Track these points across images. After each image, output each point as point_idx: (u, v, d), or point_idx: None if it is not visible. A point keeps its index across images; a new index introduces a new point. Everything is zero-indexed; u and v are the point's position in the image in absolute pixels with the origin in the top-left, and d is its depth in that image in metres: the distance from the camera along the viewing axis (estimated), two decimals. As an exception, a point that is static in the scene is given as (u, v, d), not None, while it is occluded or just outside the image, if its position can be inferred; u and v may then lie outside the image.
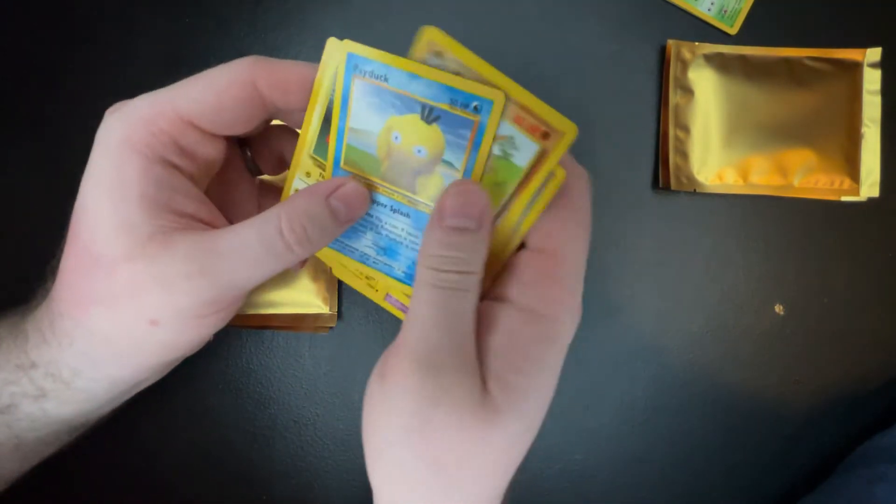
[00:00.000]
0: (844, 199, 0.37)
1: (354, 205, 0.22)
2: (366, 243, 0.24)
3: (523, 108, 0.20)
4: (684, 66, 0.36)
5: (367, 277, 0.25)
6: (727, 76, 0.37)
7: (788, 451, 0.38)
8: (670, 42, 0.36)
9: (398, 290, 0.25)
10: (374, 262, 0.25)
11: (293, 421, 0.36)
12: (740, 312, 0.37)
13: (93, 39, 0.35)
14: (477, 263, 0.20)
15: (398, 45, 0.36)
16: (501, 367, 0.19)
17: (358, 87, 0.21)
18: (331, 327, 0.35)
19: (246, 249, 0.21)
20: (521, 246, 0.22)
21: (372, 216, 0.24)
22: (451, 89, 0.20)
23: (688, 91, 0.37)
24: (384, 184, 0.23)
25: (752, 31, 0.37)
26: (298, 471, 0.36)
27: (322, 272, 0.35)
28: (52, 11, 0.35)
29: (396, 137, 0.21)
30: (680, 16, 0.37)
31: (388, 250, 0.24)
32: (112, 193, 0.22)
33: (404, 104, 0.21)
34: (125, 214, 0.21)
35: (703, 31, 0.37)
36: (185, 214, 0.23)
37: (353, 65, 0.21)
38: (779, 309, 0.38)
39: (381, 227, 0.24)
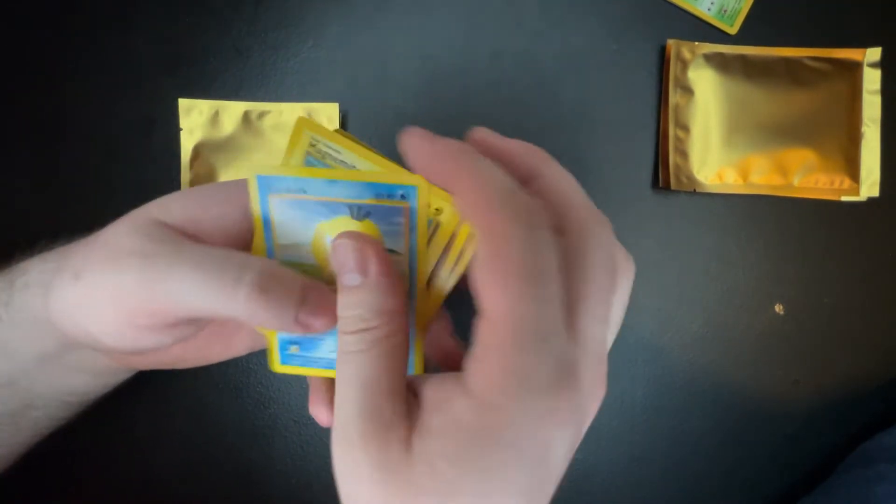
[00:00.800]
0: (844, 198, 0.37)
1: (322, 311, 0.20)
2: (329, 349, 0.23)
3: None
4: (684, 65, 0.36)
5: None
6: (727, 76, 0.37)
7: (788, 451, 0.38)
8: (670, 42, 0.36)
9: None
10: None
11: (293, 420, 0.36)
12: (740, 312, 0.37)
13: (93, 39, 0.35)
14: (376, 317, 0.18)
15: (397, 44, 0.36)
16: (432, 450, 0.16)
17: (276, 206, 0.21)
18: (331, 327, 0.35)
19: (200, 260, 0.20)
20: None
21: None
22: (374, 185, 0.20)
23: (688, 91, 0.37)
24: (332, 286, 0.22)
25: (752, 31, 0.37)
26: (298, 470, 0.36)
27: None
28: (53, 11, 0.35)
29: (330, 241, 0.21)
30: (680, 16, 0.37)
31: None
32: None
33: (330, 209, 0.21)
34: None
35: (703, 31, 0.37)
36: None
37: (266, 185, 0.21)
38: (779, 309, 0.38)
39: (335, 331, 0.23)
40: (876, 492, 0.32)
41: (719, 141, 0.37)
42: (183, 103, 0.34)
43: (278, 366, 0.24)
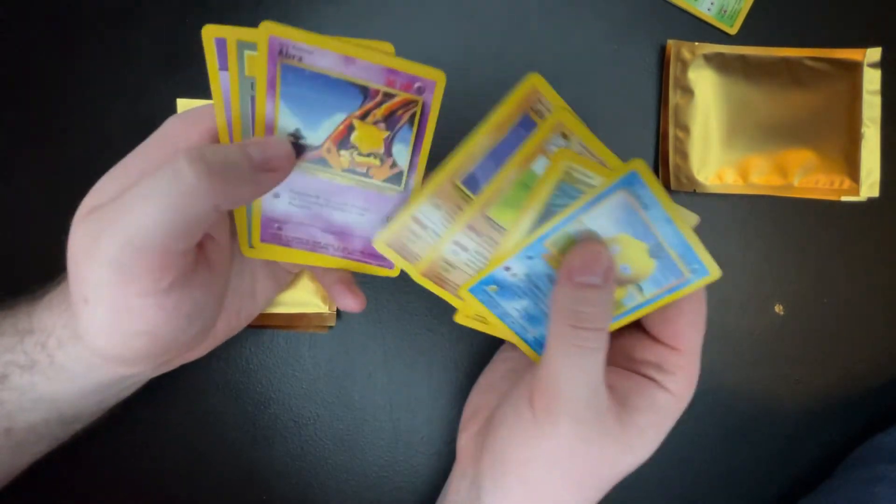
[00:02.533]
0: (844, 199, 0.37)
1: (272, 149, 0.21)
2: (515, 306, 0.25)
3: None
4: (684, 66, 0.36)
5: (482, 320, 0.27)
6: (727, 76, 0.37)
7: (788, 451, 0.37)
8: (670, 42, 0.36)
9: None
10: (511, 322, 0.26)
11: (293, 421, 0.36)
12: (740, 312, 0.37)
13: (92, 39, 0.35)
14: (605, 320, 0.23)
15: (397, 45, 0.36)
16: (644, 424, 0.25)
17: (618, 199, 0.22)
18: (330, 326, 0.35)
19: (144, 187, 0.19)
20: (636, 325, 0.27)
21: (536, 288, 0.25)
22: (688, 247, 0.23)
23: (688, 91, 0.37)
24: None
25: (752, 31, 0.37)
26: (298, 471, 0.36)
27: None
28: (53, 12, 0.35)
29: (614, 249, 0.23)
30: (680, 16, 0.37)
31: (534, 318, 0.26)
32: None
33: (645, 234, 0.22)
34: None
35: (703, 31, 0.37)
36: None
37: (629, 181, 0.22)
38: (779, 309, 0.38)
39: (539, 299, 0.25)
40: (876, 492, 0.32)
41: (719, 141, 0.37)
42: (181, 103, 0.34)
43: (465, 291, 0.25)
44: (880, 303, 0.38)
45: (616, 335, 0.27)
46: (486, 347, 0.36)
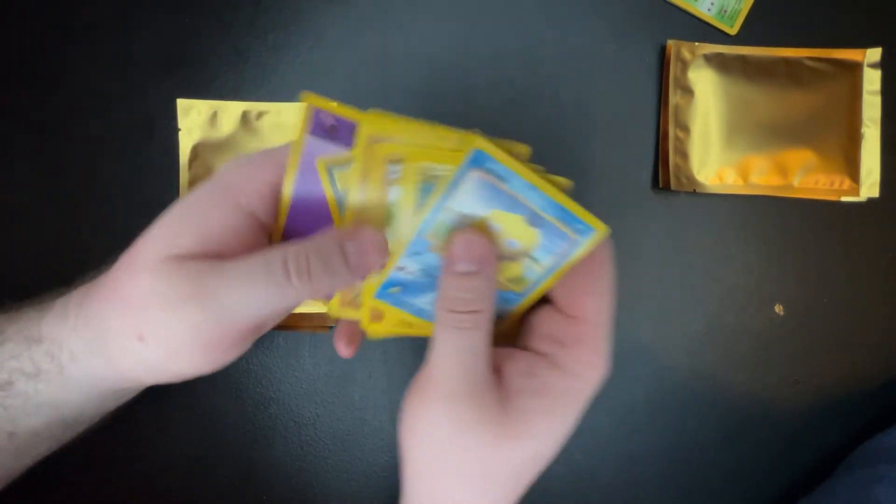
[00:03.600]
0: (844, 199, 0.37)
1: (368, 250, 0.22)
2: (426, 301, 0.25)
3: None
4: (684, 66, 0.36)
5: (408, 324, 0.27)
6: (727, 76, 0.37)
7: (788, 451, 0.37)
8: (670, 42, 0.36)
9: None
10: (428, 316, 0.26)
11: (293, 421, 0.36)
12: (740, 312, 0.37)
13: (93, 39, 0.35)
14: (482, 302, 0.22)
15: (397, 44, 0.36)
16: (529, 407, 0.22)
17: (474, 179, 0.21)
18: (331, 326, 0.35)
19: (247, 274, 0.21)
20: (544, 300, 0.25)
21: (437, 281, 0.24)
22: (564, 210, 0.22)
23: (688, 91, 0.37)
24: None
25: (752, 31, 0.37)
26: (298, 471, 0.36)
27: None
28: (53, 12, 0.35)
29: (497, 227, 0.23)
30: (680, 16, 0.37)
31: None
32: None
33: (514, 204, 0.22)
34: (168, 237, 0.23)
35: (703, 31, 0.37)
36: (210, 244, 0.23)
37: (478, 160, 0.21)
38: (779, 309, 0.38)
39: None
40: (876, 492, 0.32)
41: (719, 141, 0.37)
42: (181, 103, 0.34)
43: (370, 298, 0.25)
44: (880, 303, 0.38)
45: (530, 314, 0.25)
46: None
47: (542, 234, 0.23)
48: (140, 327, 0.22)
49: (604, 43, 0.37)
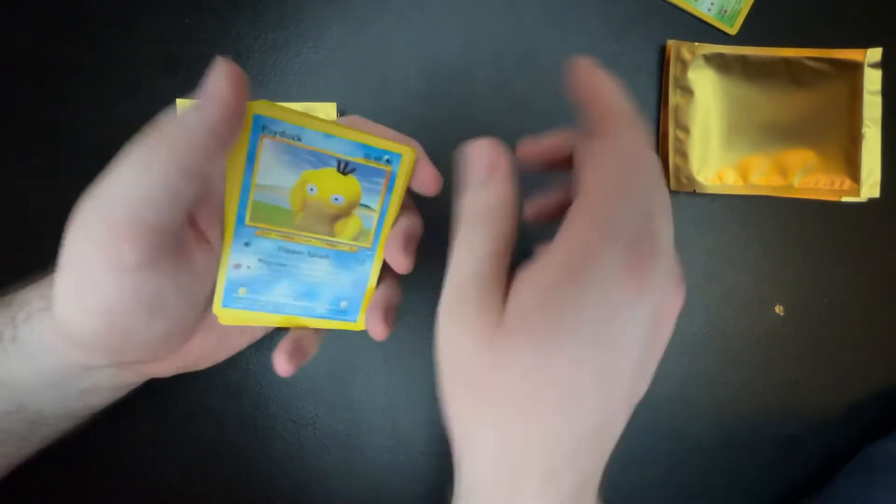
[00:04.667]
0: (845, 199, 0.37)
1: (215, 77, 0.20)
2: (281, 293, 0.25)
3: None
4: (684, 66, 0.36)
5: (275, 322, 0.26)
6: (727, 76, 0.37)
7: (788, 452, 0.37)
8: (670, 42, 0.36)
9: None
10: (290, 309, 0.25)
11: (292, 421, 0.36)
12: (740, 313, 0.37)
13: (92, 40, 0.35)
14: (486, 214, 0.21)
15: (397, 44, 0.36)
16: (524, 302, 0.19)
17: (267, 147, 0.22)
18: (330, 327, 0.35)
19: (122, 159, 0.20)
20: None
21: (286, 265, 0.24)
22: (365, 146, 0.23)
23: (687, 91, 0.36)
24: (299, 233, 0.24)
25: (752, 31, 0.37)
26: (297, 471, 0.36)
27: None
28: (52, 12, 0.35)
29: (312, 189, 0.23)
30: (680, 16, 0.37)
31: (309, 293, 0.25)
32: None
33: (319, 159, 0.22)
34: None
35: (703, 31, 0.37)
36: None
37: (260, 125, 0.21)
38: (779, 309, 0.38)
39: (299, 273, 0.25)
40: (878, 498, 0.32)
41: (719, 142, 0.37)
42: (181, 104, 0.34)
43: (219, 308, 0.24)
44: (881, 303, 0.38)
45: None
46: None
47: (359, 180, 0.23)
48: (61, 261, 0.21)
49: (604, 43, 0.37)
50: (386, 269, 0.26)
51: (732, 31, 0.37)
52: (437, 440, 0.36)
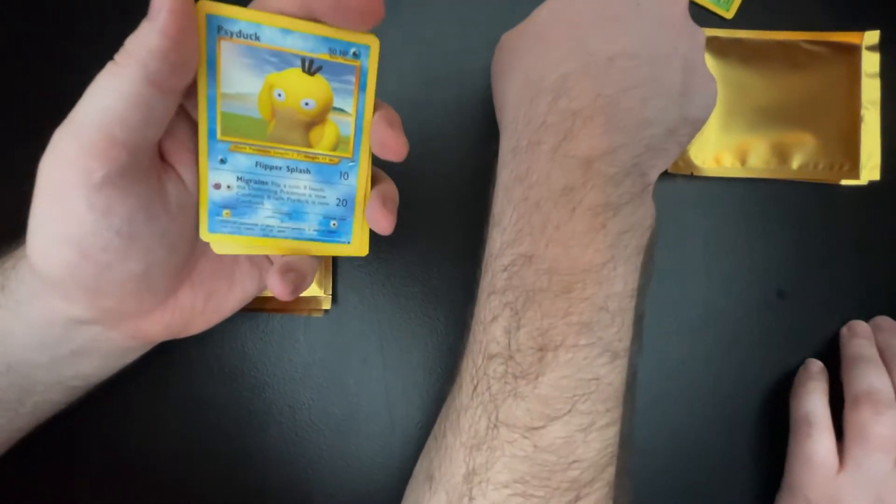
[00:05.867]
0: (844, 182, 0.37)
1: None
2: (266, 215, 0.24)
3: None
4: None
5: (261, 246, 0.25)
6: (724, 60, 0.37)
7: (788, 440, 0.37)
8: None
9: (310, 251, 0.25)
10: (279, 232, 0.24)
11: (288, 406, 0.35)
12: (740, 297, 0.37)
13: (92, 36, 0.35)
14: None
15: (393, 32, 0.36)
16: None
17: (226, 50, 0.21)
18: (326, 310, 0.35)
19: (92, 84, 0.21)
20: None
21: (267, 183, 0.23)
22: (328, 39, 0.21)
23: None
24: (274, 145, 0.23)
25: (749, 14, 0.37)
26: (293, 456, 0.35)
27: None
28: (51, 8, 0.35)
29: (280, 95, 0.22)
30: (676, 0, 0.37)
31: (295, 213, 0.24)
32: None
33: (282, 60, 0.21)
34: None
35: (699, 14, 0.37)
36: None
37: (215, 26, 0.20)
38: (779, 294, 0.37)
39: (281, 191, 0.23)
40: None
41: (717, 125, 0.37)
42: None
43: (206, 233, 0.23)
44: (882, 286, 0.37)
45: None
46: (482, 332, 0.36)
47: (328, 79, 0.22)
48: (34, 195, 0.21)
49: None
50: (375, 180, 0.25)
51: (729, 14, 0.37)
52: (432, 426, 0.36)
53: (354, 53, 0.22)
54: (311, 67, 0.21)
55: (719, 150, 0.36)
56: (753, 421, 0.37)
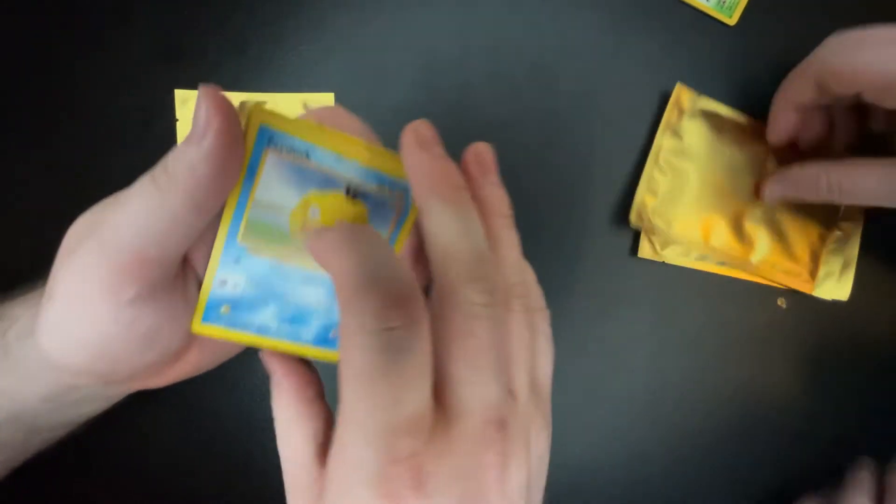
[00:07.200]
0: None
1: (204, 106, 0.18)
2: (267, 316, 0.22)
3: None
4: (681, 113, 0.36)
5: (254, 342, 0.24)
6: (718, 136, 0.36)
7: (790, 446, 0.37)
8: (678, 85, 0.36)
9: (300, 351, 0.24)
10: (276, 333, 0.23)
11: (289, 413, 0.35)
12: (742, 305, 0.37)
13: (91, 30, 0.35)
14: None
15: (395, 35, 0.36)
16: None
17: (272, 162, 0.20)
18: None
19: (126, 194, 0.19)
20: None
21: (277, 288, 0.22)
22: (380, 173, 0.20)
23: (676, 136, 0.36)
24: (295, 253, 0.22)
25: (752, 22, 0.37)
26: (294, 463, 0.35)
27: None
28: (50, 3, 0.35)
29: (315, 212, 0.21)
30: (679, 7, 0.37)
31: (297, 318, 0.23)
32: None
33: (326, 181, 0.20)
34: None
35: (702, 22, 0.37)
36: None
37: (266, 137, 0.19)
38: (781, 302, 0.37)
39: (289, 298, 0.22)
40: None
41: (692, 194, 0.36)
42: (179, 94, 0.34)
43: (199, 325, 0.22)
44: (885, 295, 0.37)
45: None
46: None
47: (369, 207, 0.21)
48: (51, 286, 0.20)
49: (602, 34, 0.37)
50: None
51: (731, 21, 0.37)
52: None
53: (402, 189, 0.21)
54: (355, 193, 0.21)
55: (688, 218, 0.36)
56: (754, 428, 0.37)
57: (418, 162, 0.19)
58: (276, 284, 0.22)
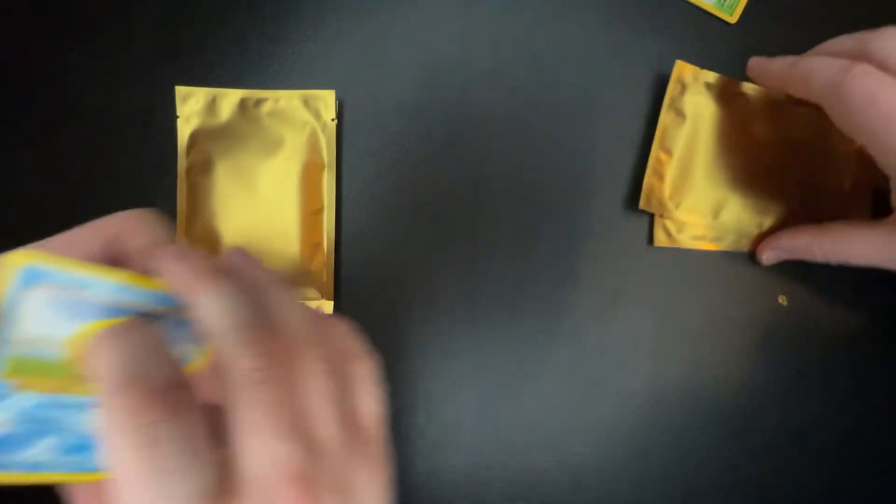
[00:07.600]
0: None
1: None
2: (40, 451, 0.20)
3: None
4: (683, 89, 0.35)
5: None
6: (725, 109, 0.36)
7: (791, 446, 0.37)
8: (678, 62, 0.35)
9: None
10: (53, 466, 0.21)
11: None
12: (743, 303, 0.37)
13: (92, 27, 0.35)
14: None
15: (396, 33, 0.36)
16: None
17: (38, 299, 0.18)
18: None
19: None
20: None
21: (51, 420, 0.20)
22: (169, 296, 0.19)
23: (680, 114, 0.35)
24: (73, 383, 0.20)
25: (753, 19, 0.37)
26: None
27: (322, 262, 0.35)
28: (50, 5, 0.35)
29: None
30: (680, 4, 0.37)
31: (80, 447, 0.21)
32: None
33: (113, 311, 0.19)
34: None
35: (702, 20, 0.37)
36: None
37: (33, 277, 0.18)
38: (782, 300, 0.37)
39: (67, 428, 0.20)
40: None
41: (700, 174, 0.36)
42: (180, 91, 0.34)
43: None
44: (886, 293, 0.37)
45: None
46: (483, 338, 0.36)
47: (166, 328, 0.20)
48: None
49: (603, 32, 0.37)
50: None
51: (732, 19, 0.37)
52: (434, 433, 0.36)
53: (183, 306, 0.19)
54: (149, 319, 0.19)
55: (695, 200, 0.36)
56: (754, 426, 0.37)
57: (171, 272, 0.19)
58: (50, 417, 0.20)
